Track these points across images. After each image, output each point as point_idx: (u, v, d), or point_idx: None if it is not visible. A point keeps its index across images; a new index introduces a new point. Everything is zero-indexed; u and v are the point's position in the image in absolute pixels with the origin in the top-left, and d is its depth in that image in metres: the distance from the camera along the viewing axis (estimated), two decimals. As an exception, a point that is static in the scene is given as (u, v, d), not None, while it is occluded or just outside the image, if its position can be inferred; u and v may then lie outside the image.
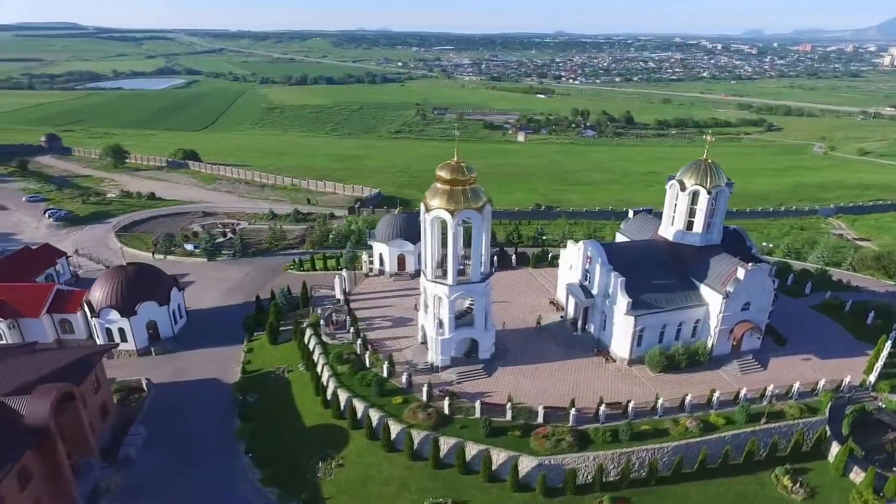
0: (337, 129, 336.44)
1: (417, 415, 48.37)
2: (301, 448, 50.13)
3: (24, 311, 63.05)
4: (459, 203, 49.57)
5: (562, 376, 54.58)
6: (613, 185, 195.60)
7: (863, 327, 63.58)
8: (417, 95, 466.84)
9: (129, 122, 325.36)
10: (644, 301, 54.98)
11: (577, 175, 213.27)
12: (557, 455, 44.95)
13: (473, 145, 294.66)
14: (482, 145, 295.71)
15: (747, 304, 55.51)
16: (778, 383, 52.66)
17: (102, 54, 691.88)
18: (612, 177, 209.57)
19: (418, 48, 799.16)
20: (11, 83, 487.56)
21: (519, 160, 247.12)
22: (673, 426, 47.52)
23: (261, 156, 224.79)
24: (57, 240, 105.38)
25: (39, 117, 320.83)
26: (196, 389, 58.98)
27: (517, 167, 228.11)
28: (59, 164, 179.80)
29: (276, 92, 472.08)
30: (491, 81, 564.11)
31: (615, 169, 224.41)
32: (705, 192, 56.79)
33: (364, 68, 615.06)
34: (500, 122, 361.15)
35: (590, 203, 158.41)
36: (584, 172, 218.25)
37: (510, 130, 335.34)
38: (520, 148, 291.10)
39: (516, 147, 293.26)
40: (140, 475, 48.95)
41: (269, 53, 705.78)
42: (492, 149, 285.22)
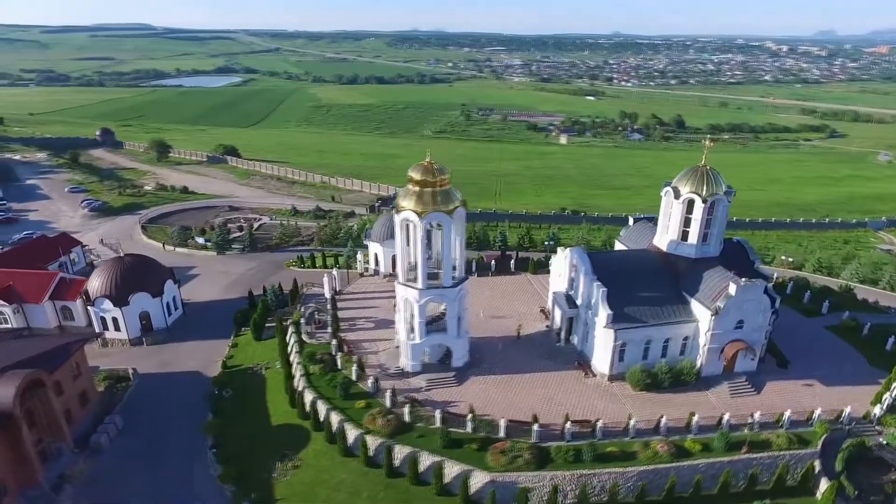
0: (380, 128, 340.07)
1: (376, 421, 47.32)
2: (264, 446, 50.02)
3: (27, 297, 65.85)
4: (428, 205, 48.20)
5: (536, 389, 52.34)
6: (650, 190, 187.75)
7: (880, 353, 58.27)
8: (464, 96, 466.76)
9: (184, 119, 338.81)
10: (626, 314, 52.03)
11: (614, 179, 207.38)
12: (512, 472, 42.94)
13: (514, 146, 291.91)
14: (522, 147, 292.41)
15: (740, 323, 51.66)
16: (769, 409, 48.88)
17: (169, 53, 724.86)
18: (649, 182, 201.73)
19: (470, 49, 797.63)
20: (85, 80, 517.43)
21: (557, 163, 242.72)
22: (642, 449, 44.59)
23: (299, 153, 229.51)
24: (88, 229, 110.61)
25: (104, 113, 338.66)
26: (178, 381, 59.98)
27: (553, 169, 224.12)
28: (108, 157, 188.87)
29: (325, 91, 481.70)
30: (540, 83, 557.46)
31: (655, 174, 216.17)
32: (700, 201, 53.25)
33: (414, 68, 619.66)
34: (544, 123, 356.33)
35: (620, 208, 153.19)
36: (622, 177, 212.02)
37: (553, 132, 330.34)
38: (560, 150, 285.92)
39: (557, 149, 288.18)
40: (109, 464, 49.98)
41: (323, 53, 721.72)
42: (532, 150, 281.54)
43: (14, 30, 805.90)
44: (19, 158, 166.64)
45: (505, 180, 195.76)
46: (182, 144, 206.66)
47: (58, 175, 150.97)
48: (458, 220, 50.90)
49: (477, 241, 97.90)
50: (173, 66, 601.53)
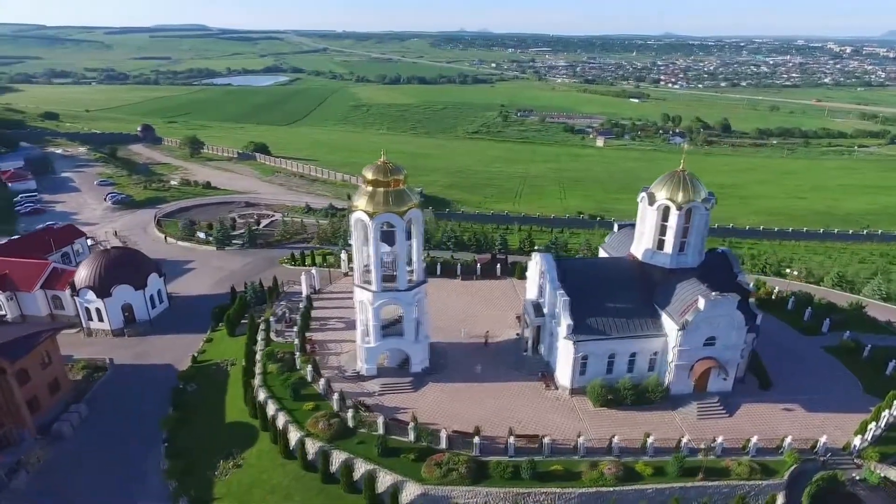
0: (415, 127, 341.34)
1: (318, 424, 46.48)
2: (213, 443, 49.95)
3: (21, 285, 68.28)
4: (379, 206, 47.05)
5: (492, 400, 50.41)
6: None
7: (878, 377, 53.51)
8: (504, 97, 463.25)
9: (227, 116, 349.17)
10: (589, 325, 49.45)
11: (645, 183, 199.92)
12: (444, 486, 41.26)
13: (548, 148, 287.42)
14: (556, 148, 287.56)
15: (712, 339, 48.25)
16: (739, 434, 45.54)
17: (222, 53, 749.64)
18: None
19: (514, 49, 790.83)
20: (142, 79, 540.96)
21: (588, 165, 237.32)
22: (588, 470, 42.10)
23: (330, 151, 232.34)
24: (108, 221, 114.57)
25: (154, 110, 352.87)
26: (149, 374, 60.84)
27: (583, 172, 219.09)
28: (146, 153, 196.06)
29: (367, 90, 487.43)
30: (583, 84, 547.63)
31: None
32: (675, 208, 50.09)
33: (457, 69, 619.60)
34: (582, 125, 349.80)
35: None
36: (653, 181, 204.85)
37: (591, 135, 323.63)
38: (595, 153, 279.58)
39: (592, 152, 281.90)
40: (68, 452, 51.01)
41: (369, 53, 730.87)
42: (565, 153, 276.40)
43: (80, 31, 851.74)
44: (61, 152, 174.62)
45: (530, 182, 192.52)
46: (220, 141, 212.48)
47: (92, 168, 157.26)
48: (416, 221, 49.61)
49: (476, 244, 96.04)
50: (225, 65, 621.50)
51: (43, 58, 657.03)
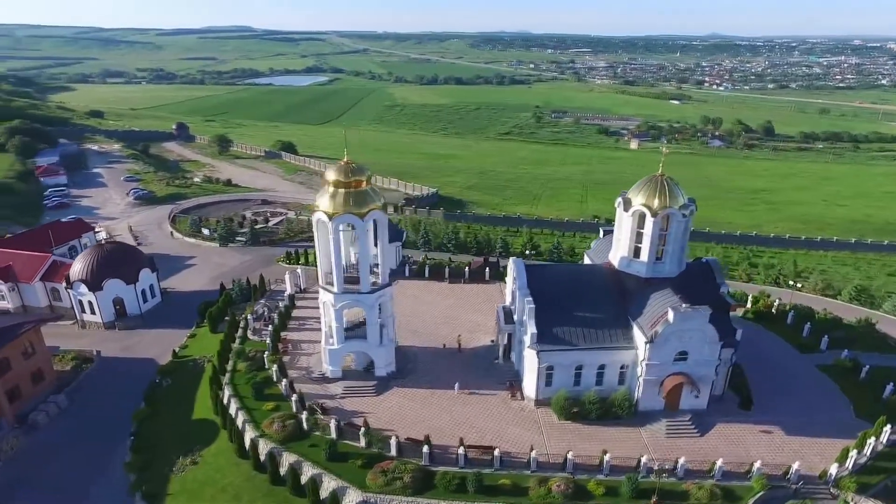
0: (446, 128, 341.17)
1: (272, 425, 46.27)
2: (176, 438, 50.36)
3: (22, 276, 70.82)
4: (339, 207, 46.50)
5: (456, 407, 49.21)
6: (709, 201, 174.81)
7: (874, 400, 49.71)
8: (540, 98, 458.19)
9: (264, 115, 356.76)
10: (554, 335, 47.63)
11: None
12: (387, 494, 40.33)
13: (579, 150, 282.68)
14: (588, 151, 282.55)
15: (683, 354, 45.74)
16: (708, 455, 43.01)
17: (265, 54, 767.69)
18: (711, 192, 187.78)
19: (553, 50, 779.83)
20: (188, 79, 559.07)
21: (618, 168, 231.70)
22: (536, 486, 40.43)
23: (358, 151, 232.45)
24: (126, 216, 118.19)
25: (195, 108, 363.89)
26: (132, 367, 62.05)
27: (611, 175, 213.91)
28: (178, 150, 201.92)
29: (403, 90, 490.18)
30: (623, 85, 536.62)
31: (722, 184, 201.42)
32: (650, 215, 47.75)
33: (494, 70, 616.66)
34: (617, 127, 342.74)
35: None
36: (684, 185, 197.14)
37: (625, 137, 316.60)
38: (628, 155, 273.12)
39: (624, 154, 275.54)
40: (42, 442, 52.43)
41: (408, 54, 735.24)
42: (597, 155, 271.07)
43: (134, 33, 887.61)
44: (96, 148, 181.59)
45: (553, 185, 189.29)
46: (252, 140, 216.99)
47: (122, 165, 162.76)
48: (380, 222, 48.92)
49: (477, 246, 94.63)
50: (268, 65, 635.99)
51: (100, 58, 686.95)
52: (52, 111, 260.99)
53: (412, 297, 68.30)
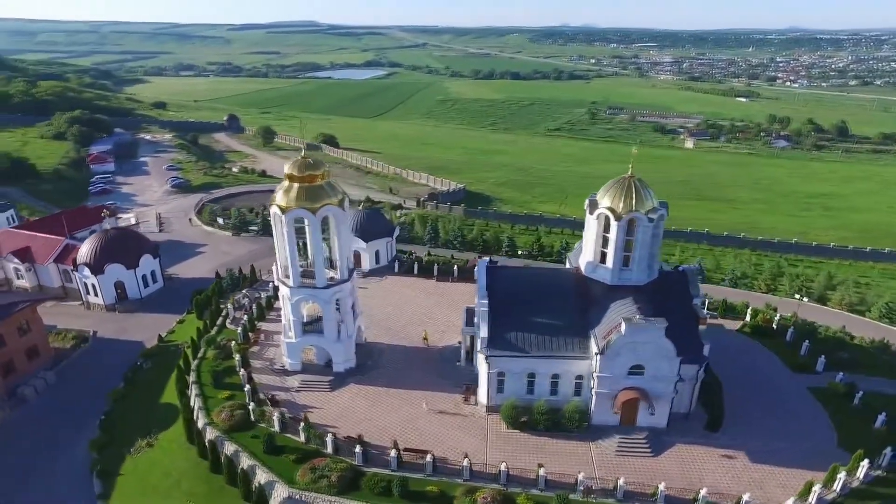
0: (496, 123, 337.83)
1: (222, 413, 46.96)
2: (140, 420, 52.02)
3: (37, 258, 75.24)
4: (292, 201, 46.46)
5: (406, 408, 48.34)
6: (756, 205, 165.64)
7: (863, 430, 45.04)
8: (598, 94, 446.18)
9: (320, 108, 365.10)
10: (507, 340, 45.84)
11: (724, 190, 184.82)
12: (310, 492, 40.03)
13: (628, 148, 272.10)
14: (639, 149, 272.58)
15: (638, 368, 42.92)
16: (656, 477, 40.28)
17: (328, 48, 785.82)
18: (763, 195, 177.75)
19: (617, 45, 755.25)
20: (253, 72, 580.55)
21: (666, 167, 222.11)
22: (462, 496, 39.05)
23: (401, 145, 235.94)
24: (161, 203, 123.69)
25: (254, 101, 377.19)
26: (121, 349, 64.68)
27: (656, 174, 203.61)
28: (225, 141, 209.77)
29: (457, 85, 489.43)
30: (687, 81, 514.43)
31: (777, 187, 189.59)
32: (613, 219, 45.06)
33: (553, 65, 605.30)
34: (675, 125, 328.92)
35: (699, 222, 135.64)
36: (735, 188, 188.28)
37: (682, 135, 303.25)
38: (681, 155, 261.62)
39: (677, 154, 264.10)
40: (29, 415, 55.55)
41: (466, 48, 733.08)
42: (647, 153, 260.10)
43: (206, 28, 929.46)
44: (149, 138, 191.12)
45: (589, 183, 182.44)
46: (299, 132, 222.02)
47: (168, 154, 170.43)
48: (336, 219, 48.49)
49: (483, 244, 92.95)
50: (329, 59, 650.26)
51: (175, 52, 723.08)
52: (121, 102, 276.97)
53: (396, 293, 67.85)
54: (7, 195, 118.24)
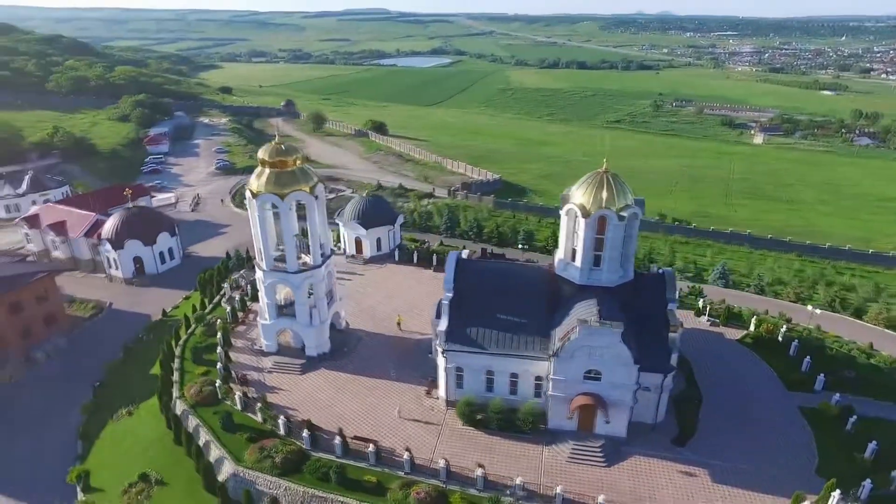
0: (554, 113, 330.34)
1: (191, 388, 48.74)
2: (129, 390, 54.85)
3: (70, 232, 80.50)
4: (262, 186, 47.22)
5: (369, 396, 48.43)
6: (819, 206, 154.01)
7: (849, 457, 41.08)
8: (666, 85, 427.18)
9: (379, 95, 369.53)
10: (466, 335, 44.88)
11: (785, 189, 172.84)
12: (254, 471, 40.90)
13: (690, 143, 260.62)
14: (701, 143, 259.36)
15: (595, 374, 40.93)
16: (604, 489, 38.49)
17: (396, 35, 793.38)
18: (830, 197, 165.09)
19: (693, 34, 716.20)
20: (322, 59, 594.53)
21: (725, 164, 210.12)
22: (398, 489, 38.73)
23: (450, 133, 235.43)
24: (203, 184, 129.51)
25: (317, 88, 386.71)
26: (130, 320, 68.33)
27: (714, 170, 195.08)
28: (278, 125, 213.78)
29: (520, 74, 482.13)
30: (767, 73, 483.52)
31: (847, 188, 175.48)
32: (581, 215, 42.99)
33: (623, 54, 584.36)
34: (746, 119, 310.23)
35: (751, 225, 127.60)
36: (799, 187, 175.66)
37: (752, 130, 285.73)
38: (746, 151, 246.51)
39: (742, 150, 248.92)
40: (38, 376, 59.92)
41: (534, 37, 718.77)
42: (708, 148, 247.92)
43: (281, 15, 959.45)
44: (206, 121, 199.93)
45: (637, 178, 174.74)
46: (353, 119, 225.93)
47: (220, 137, 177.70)
48: (310, 205, 48.92)
49: (499, 237, 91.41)
50: (395, 47, 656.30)
51: (250, 39, 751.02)
52: (190, 87, 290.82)
53: (391, 281, 67.90)
54: (67, 172, 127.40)
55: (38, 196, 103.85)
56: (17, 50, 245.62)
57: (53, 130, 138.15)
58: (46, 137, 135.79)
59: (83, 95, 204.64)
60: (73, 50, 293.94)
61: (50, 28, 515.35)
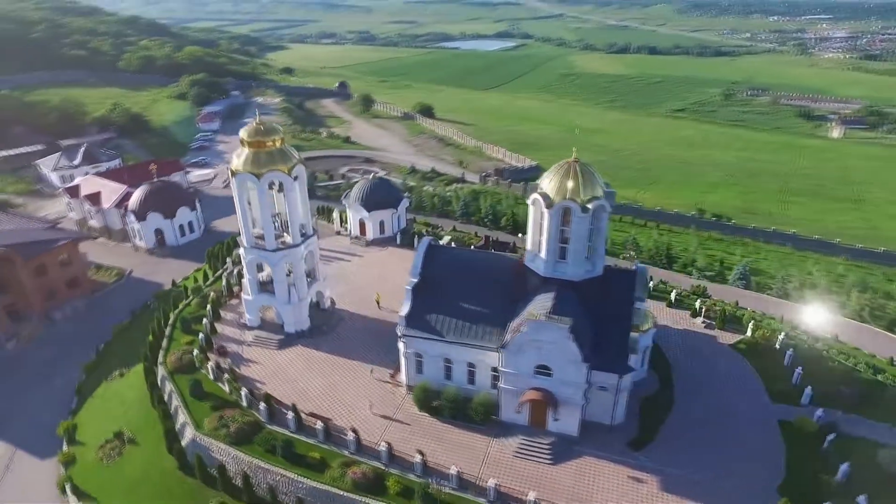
0: (614, 100, 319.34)
1: (171, 356, 51.17)
2: (127, 352, 58.22)
3: (103, 203, 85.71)
4: (240, 165, 48.48)
5: (336, 375, 49.21)
6: (889, 208, 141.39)
7: (814, 477, 38.14)
8: (742, 73, 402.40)
9: (436, 78, 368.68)
10: (426, 321, 44.66)
11: (854, 188, 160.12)
12: (210, 438, 42.64)
13: (756, 135, 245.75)
14: (769, 136, 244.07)
15: (546, 369, 39.79)
16: (542, 487, 37.75)
17: (462, 18, 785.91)
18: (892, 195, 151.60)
19: (780, 17, 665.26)
20: (386, 41, 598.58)
21: (791, 158, 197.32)
22: (338, 466, 39.37)
23: (498, 118, 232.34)
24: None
25: (376, 70, 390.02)
26: (144, 288, 72.29)
27: (776, 165, 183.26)
28: (330, 106, 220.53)
29: (586, 59, 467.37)
30: (860, 61, 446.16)
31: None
32: (545, 206, 41.59)
33: (698, 39, 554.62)
34: (826, 111, 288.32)
35: (809, 224, 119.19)
36: (871, 186, 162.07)
37: (830, 123, 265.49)
38: (820, 145, 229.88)
39: (815, 143, 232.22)
40: (54, 334, 64.77)
41: (605, 20, 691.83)
42: (776, 141, 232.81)
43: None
44: (260, 101, 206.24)
45: (689, 171, 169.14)
46: (403, 101, 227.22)
47: (269, 116, 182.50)
48: (289, 185, 49.76)
49: (513, 224, 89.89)
50: (461, 29, 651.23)
51: (320, 21, 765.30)
52: (254, 67, 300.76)
53: (387, 264, 68.22)
54: (121, 147, 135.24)
55: (90, 168, 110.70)
56: (98, 31, 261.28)
57: (113, 107, 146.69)
58: (106, 113, 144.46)
59: (150, 74, 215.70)
60: (150, 31, 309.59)
61: (138, 9, 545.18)
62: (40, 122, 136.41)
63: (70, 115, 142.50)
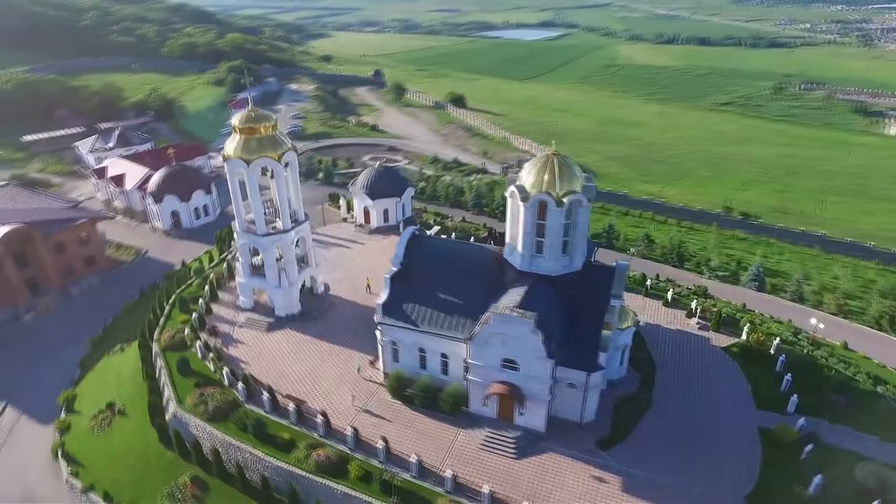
0: (656, 93, 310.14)
1: (164, 334, 53.06)
2: (129, 328, 60.59)
3: (126, 185, 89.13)
4: (231, 151, 49.58)
5: (318, 360, 50.09)
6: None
7: (785, 489, 36.71)
8: (797, 65, 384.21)
9: (475, 68, 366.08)
10: (402, 310, 44.89)
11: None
12: (189, 414, 44.17)
13: (804, 131, 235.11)
14: (819, 132, 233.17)
15: (512, 363, 39.48)
16: (504, 480, 37.74)
17: (506, 7, 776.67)
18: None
19: (842, 7, 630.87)
20: (428, 30, 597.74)
21: (839, 156, 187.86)
22: (304, 448, 40.24)
23: (531, 109, 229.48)
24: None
25: (416, 58, 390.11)
26: (157, 268, 75.06)
27: (819, 161, 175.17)
28: (363, 94, 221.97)
29: (631, 49, 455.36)
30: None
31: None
32: (520, 199, 41.04)
33: (752, 29, 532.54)
34: (886, 106, 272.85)
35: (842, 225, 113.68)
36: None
37: (888, 118, 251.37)
38: (873, 142, 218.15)
39: (868, 141, 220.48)
40: (69, 308, 68.09)
41: (654, 9, 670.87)
42: (825, 138, 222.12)
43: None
44: (294, 88, 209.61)
45: (723, 167, 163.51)
46: (437, 90, 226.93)
47: (301, 103, 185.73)
48: (278, 172, 50.61)
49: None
50: (504, 18, 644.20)
51: (364, 9, 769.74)
52: (293, 55, 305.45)
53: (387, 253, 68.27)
54: (156, 130, 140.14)
55: (123, 150, 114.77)
56: (146, 18, 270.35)
57: (150, 92, 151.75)
58: (144, 98, 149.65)
59: (191, 60, 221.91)
60: (196, 18, 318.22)
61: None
62: (82, 105, 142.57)
63: (109, 100, 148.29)
